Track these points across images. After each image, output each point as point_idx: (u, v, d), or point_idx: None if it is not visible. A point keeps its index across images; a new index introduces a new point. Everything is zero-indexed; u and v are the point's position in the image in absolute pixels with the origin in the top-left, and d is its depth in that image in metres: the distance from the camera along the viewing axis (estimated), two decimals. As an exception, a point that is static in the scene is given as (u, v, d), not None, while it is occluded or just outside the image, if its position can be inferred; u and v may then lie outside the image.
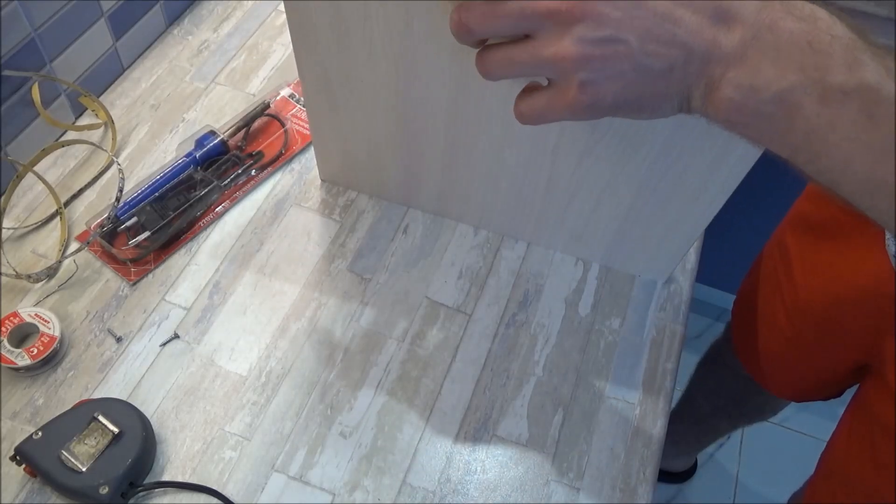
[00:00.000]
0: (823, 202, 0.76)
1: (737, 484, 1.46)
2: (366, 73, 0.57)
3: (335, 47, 0.55)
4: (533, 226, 0.67)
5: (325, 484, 0.55)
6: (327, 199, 0.71)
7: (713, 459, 1.47)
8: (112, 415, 0.53)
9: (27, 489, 0.54)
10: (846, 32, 0.34)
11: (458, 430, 0.59)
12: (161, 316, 0.63)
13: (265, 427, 0.57)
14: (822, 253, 0.75)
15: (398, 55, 0.54)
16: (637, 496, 0.56)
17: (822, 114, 0.34)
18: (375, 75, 0.56)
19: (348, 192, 0.71)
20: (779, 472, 1.42)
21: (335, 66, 0.57)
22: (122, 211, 0.65)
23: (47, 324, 0.59)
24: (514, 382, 0.62)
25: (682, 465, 1.43)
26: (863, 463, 0.67)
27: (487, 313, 0.65)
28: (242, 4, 0.87)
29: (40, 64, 0.68)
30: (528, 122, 0.42)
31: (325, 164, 0.70)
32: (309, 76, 0.59)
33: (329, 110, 0.62)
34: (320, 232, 0.69)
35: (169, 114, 0.76)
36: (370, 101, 0.59)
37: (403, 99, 0.57)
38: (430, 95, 0.56)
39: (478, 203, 0.67)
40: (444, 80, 0.54)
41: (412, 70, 0.54)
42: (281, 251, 0.67)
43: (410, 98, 0.57)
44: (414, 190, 0.68)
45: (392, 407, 0.59)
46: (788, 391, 0.91)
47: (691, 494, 1.44)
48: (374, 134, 0.63)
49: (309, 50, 0.56)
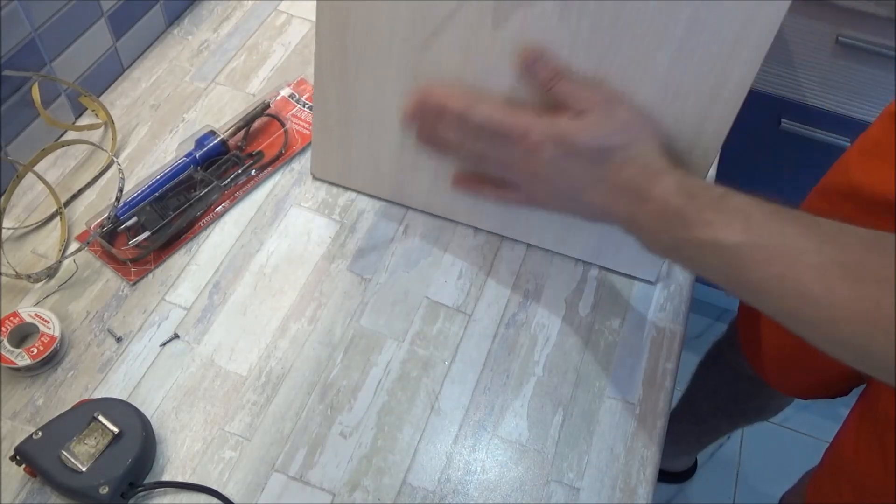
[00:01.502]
0: (835, 199, 0.76)
1: (737, 484, 1.46)
2: (381, 63, 0.60)
3: (362, 40, 0.59)
4: (525, 220, 0.68)
5: (325, 484, 0.55)
6: (327, 199, 0.71)
7: (713, 459, 1.47)
8: (112, 415, 0.53)
9: (27, 489, 0.54)
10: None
11: (458, 430, 0.59)
12: (161, 316, 0.63)
13: (265, 427, 0.57)
14: None
15: (415, 50, 0.58)
16: (637, 496, 0.56)
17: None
18: (390, 64, 0.60)
19: (348, 192, 0.71)
20: (779, 471, 1.42)
21: (355, 58, 0.60)
22: (122, 211, 0.65)
23: (47, 324, 0.59)
24: (514, 382, 0.62)
25: (682, 465, 1.43)
26: (872, 462, 0.67)
27: (487, 313, 0.65)
28: (242, 4, 0.87)
29: (40, 64, 0.68)
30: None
31: (321, 160, 0.70)
32: (327, 57, 0.61)
33: (338, 102, 0.63)
34: (320, 232, 0.69)
35: (169, 114, 0.76)
36: (383, 86, 0.61)
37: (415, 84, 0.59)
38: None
39: (473, 200, 0.67)
40: (454, 74, 0.57)
41: (427, 65, 0.58)
42: (281, 251, 0.67)
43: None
44: (410, 186, 0.69)
45: (392, 407, 0.59)
46: (795, 388, 0.91)
47: (691, 494, 1.44)
48: (382, 125, 0.63)
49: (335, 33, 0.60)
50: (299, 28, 0.85)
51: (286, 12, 0.86)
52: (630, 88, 0.55)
